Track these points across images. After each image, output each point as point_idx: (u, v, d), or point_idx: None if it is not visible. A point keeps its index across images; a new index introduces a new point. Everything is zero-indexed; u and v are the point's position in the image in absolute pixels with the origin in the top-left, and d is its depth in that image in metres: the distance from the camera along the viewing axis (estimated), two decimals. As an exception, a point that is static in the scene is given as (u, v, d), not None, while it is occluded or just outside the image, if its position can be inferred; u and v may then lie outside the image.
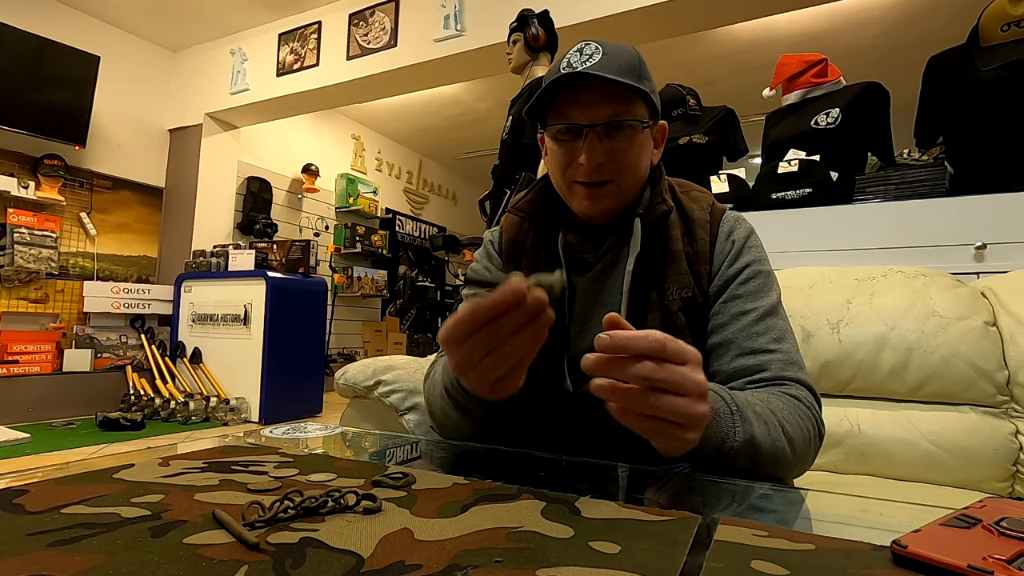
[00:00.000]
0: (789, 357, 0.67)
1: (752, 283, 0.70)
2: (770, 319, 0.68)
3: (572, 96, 0.69)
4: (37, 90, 3.45)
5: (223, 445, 0.56)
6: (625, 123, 0.68)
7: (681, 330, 0.69)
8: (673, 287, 0.70)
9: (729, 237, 0.73)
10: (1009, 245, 1.58)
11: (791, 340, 0.69)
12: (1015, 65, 1.63)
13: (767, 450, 0.56)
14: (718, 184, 2.15)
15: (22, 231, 3.49)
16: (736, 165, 2.52)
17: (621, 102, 0.67)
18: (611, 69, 0.66)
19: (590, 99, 0.67)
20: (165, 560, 0.29)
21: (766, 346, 0.67)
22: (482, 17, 3.17)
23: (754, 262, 0.72)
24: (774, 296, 0.71)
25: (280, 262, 4.07)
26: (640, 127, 0.69)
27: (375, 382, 1.33)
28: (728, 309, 0.70)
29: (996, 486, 1.00)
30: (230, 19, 4.03)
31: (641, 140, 0.70)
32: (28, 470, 0.46)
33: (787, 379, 0.65)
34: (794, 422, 0.60)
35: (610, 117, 0.67)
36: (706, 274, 0.72)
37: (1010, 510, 0.34)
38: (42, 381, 3.44)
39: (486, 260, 0.85)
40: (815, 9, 3.60)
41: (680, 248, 0.72)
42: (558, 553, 0.31)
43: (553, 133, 0.71)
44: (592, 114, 0.67)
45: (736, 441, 0.54)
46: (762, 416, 0.57)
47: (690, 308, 0.70)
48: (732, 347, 0.68)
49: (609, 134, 0.68)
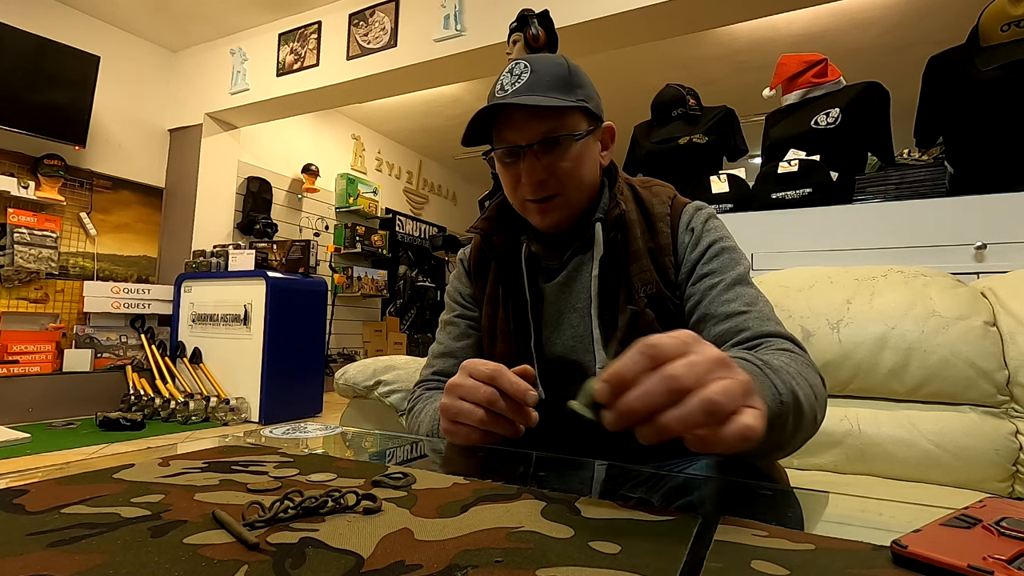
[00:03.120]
0: (764, 315, 0.67)
1: (717, 260, 0.72)
2: (739, 287, 0.70)
3: (505, 119, 0.71)
4: (37, 90, 3.45)
5: (223, 445, 0.56)
6: (560, 137, 0.70)
7: (651, 325, 0.71)
8: (638, 285, 0.72)
9: (688, 226, 0.75)
10: (1009, 245, 1.58)
11: (764, 303, 0.69)
12: (1015, 65, 1.63)
13: (805, 406, 0.53)
14: (718, 184, 2.15)
15: (22, 231, 3.49)
16: (736, 165, 2.52)
17: (552, 118, 0.69)
18: (540, 86, 0.68)
19: (523, 120, 0.70)
20: (165, 560, 0.29)
21: (739, 309, 0.68)
22: (482, 17, 3.17)
23: (716, 241, 0.73)
24: (742, 268, 0.72)
25: (280, 262, 4.07)
26: (575, 139, 0.71)
27: (375, 382, 1.33)
28: (698, 288, 0.71)
29: (996, 486, 1.00)
30: (230, 19, 4.03)
31: (580, 150, 0.72)
32: (28, 470, 0.46)
33: (768, 334, 0.65)
34: (805, 373, 0.58)
35: (545, 135, 0.69)
36: (671, 265, 0.73)
37: (1010, 510, 0.34)
38: (42, 381, 3.44)
39: (457, 281, 0.89)
40: (815, 9, 3.60)
41: (641, 246, 0.74)
42: (558, 553, 0.31)
43: (498, 156, 0.74)
44: (528, 134, 0.70)
45: (783, 399, 0.51)
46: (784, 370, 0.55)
47: (657, 302, 0.72)
48: (708, 319, 0.69)
49: (547, 150, 0.70)
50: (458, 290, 0.88)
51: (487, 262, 0.83)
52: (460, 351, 0.84)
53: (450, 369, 0.83)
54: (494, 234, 0.81)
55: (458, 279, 0.89)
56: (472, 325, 0.85)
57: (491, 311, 0.81)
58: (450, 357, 0.85)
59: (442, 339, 0.87)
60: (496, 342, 0.79)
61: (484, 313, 0.82)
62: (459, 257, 0.90)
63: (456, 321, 0.86)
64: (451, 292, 0.89)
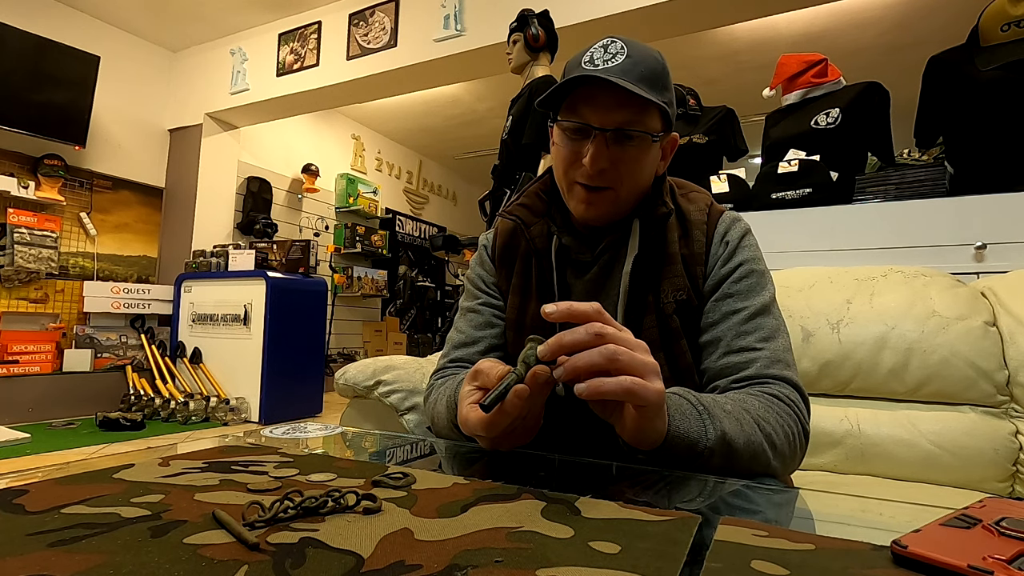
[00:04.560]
0: (775, 355, 0.66)
1: (744, 282, 0.70)
2: (760, 318, 0.68)
3: (587, 94, 0.66)
4: (37, 90, 3.45)
5: (223, 445, 0.56)
6: (635, 133, 0.66)
7: (676, 332, 0.69)
8: (668, 289, 0.70)
9: (724, 238, 0.73)
10: (1009, 245, 1.58)
11: (782, 338, 0.69)
12: (1015, 65, 1.63)
13: (742, 447, 0.56)
14: (718, 184, 2.15)
15: (22, 231, 3.49)
16: (736, 165, 2.52)
17: (635, 110, 0.66)
18: (633, 74, 0.64)
19: (605, 101, 0.65)
20: (165, 560, 0.29)
21: (753, 344, 0.67)
22: (482, 17, 3.17)
23: (747, 261, 0.71)
24: (767, 296, 0.70)
25: (280, 262, 4.07)
26: (650, 139, 0.68)
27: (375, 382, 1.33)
28: (719, 308, 0.70)
29: (996, 486, 1.00)
30: (230, 19, 4.03)
31: (649, 151, 0.69)
32: (28, 470, 0.46)
33: (770, 377, 0.65)
34: (772, 419, 0.60)
35: (621, 124, 0.66)
36: (702, 275, 0.71)
37: (1010, 510, 0.34)
38: (42, 381, 3.44)
39: (479, 267, 0.85)
40: (815, 9, 3.60)
41: (676, 250, 0.72)
42: (558, 553, 0.31)
43: (563, 128, 0.69)
44: (604, 118, 0.66)
45: (708, 439, 0.54)
46: (733, 414, 0.57)
47: (685, 310, 0.70)
48: (720, 345, 0.68)
49: (617, 141, 0.67)
50: (481, 277, 0.83)
51: (514, 250, 0.79)
52: (483, 340, 0.79)
53: (472, 357, 0.78)
54: (531, 223, 0.77)
55: (481, 265, 0.84)
56: (497, 314, 0.81)
57: (518, 303, 0.77)
58: (472, 346, 0.80)
59: (463, 327, 0.82)
60: (522, 336, 0.75)
61: (509, 304, 0.78)
62: (481, 243, 0.86)
63: (480, 309, 0.81)
64: (473, 279, 0.84)
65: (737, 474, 0.54)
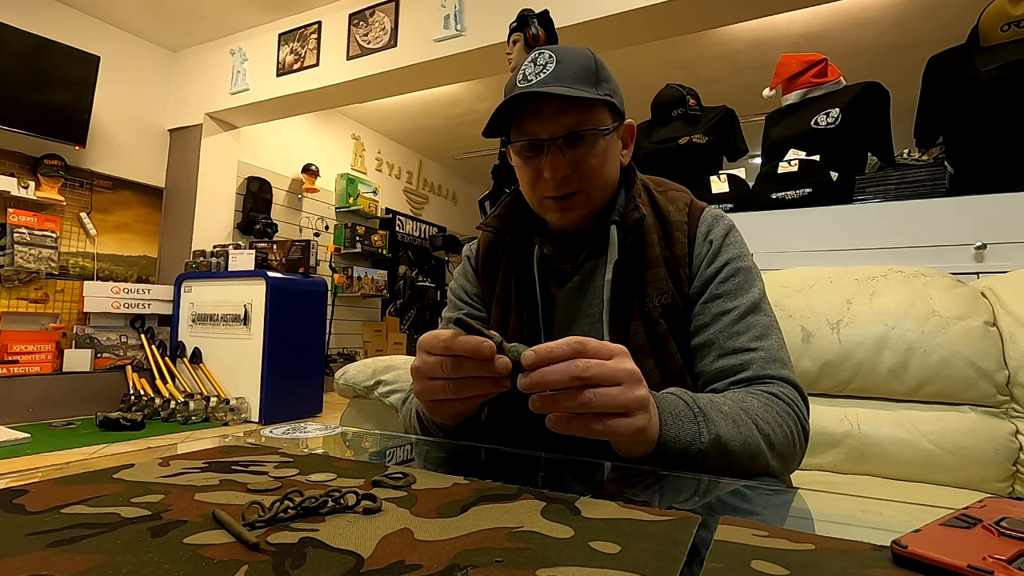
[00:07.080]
0: (771, 354, 0.66)
1: (732, 281, 0.70)
2: (751, 316, 0.68)
3: (531, 110, 0.67)
4: (37, 90, 3.45)
5: (223, 445, 0.56)
6: (586, 132, 0.67)
7: (664, 336, 0.68)
8: (653, 294, 0.70)
9: (707, 238, 0.72)
10: (1009, 245, 1.58)
11: (775, 336, 0.68)
12: (1015, 65, 1.63)
13: (738, 448, 0.56)
14: (718, 184, 2.15)
15: (22, 231, 3.49)
16: (736, 165, 2.52)
17: (580, 111, 0.66)
18: (566, 79, 0.65)
19: (548, 111, 0.66)
20: (165, 560, 0.29)
21: (747, 344, 0.66)
22: (482, 17, 3.17)
23: (733, 259, 0.71)
24: (756, 292, 0.70)
25: (280, 262, 4.07)
26: (601, 134, 0.68)
27: (375, 382, 1.33)
28: (709, 309, 0.69)
29: (996, 486, 1.00)
30: (230, 19, 4.03)
31: (606, 146, 0.69)
32: (28, 470, 0.46)
33: (769, 377, 0.65)
34: (770, 419, 0.60)
35: (570, 128, 0.66)
36: (686, 277, 0.71)
37: (1010, 510, 0.34)
38: (42, 381, 3.44)
39: (463, 278, 0.85)
40: (815, 9, 3.60)
41: (658, 253, 0.71)
42: (558, 553, 0.31)
43: (517, 149, 0.70)
44: (551, 127, 0.66)
45: (702, 442, 0.54)
46: (730, 415, 0.57)
47: (671, 313, 0.69)
48: (714, 347, 0.68)
49: (571, 145, 0.67)
50: (464, 288, 0.84)
51: (497, 262, 0.80)
52: None
53: None
54: (508, 234, 0.77)
55: (464, 277, 0.85)
56: None
57: (501, 314, 0.77)
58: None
59: None
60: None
61: (493, 316, 0.79)
62: (464, 254, 0.86)
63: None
64: (456, 290, 0.85)
65: (735, 474, 0.54)
